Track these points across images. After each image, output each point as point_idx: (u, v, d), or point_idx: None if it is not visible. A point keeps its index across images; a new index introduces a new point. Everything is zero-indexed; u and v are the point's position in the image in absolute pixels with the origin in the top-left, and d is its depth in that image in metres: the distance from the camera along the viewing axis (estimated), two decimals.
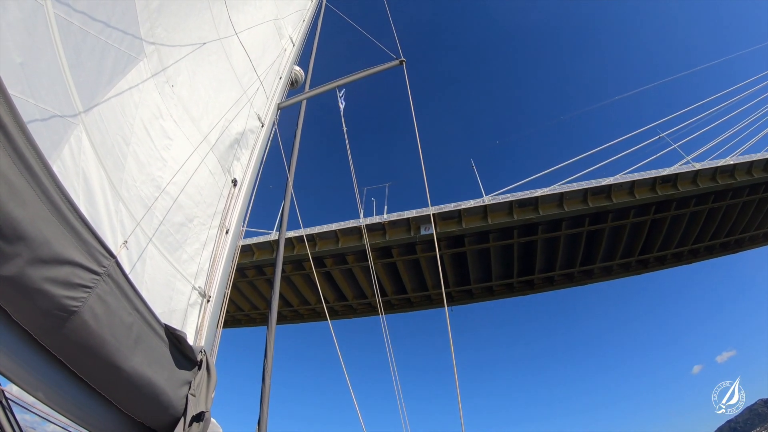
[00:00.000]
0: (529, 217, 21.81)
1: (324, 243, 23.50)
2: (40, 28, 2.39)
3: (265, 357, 4.02)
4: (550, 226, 23.02)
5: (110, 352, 1.88)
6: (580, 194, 21.90)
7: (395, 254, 23.69)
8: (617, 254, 25.58)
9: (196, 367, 2.53)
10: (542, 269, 26.20)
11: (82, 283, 1.76)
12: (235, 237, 4.22)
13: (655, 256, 26.26)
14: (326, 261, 24.44)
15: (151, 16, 3.80)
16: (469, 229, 22.16)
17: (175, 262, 3.40)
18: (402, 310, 28.91)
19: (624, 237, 24.18)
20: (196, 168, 4.15)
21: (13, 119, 1.52)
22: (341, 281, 26.53)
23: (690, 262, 28.14)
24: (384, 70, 7.09)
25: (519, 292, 27.84)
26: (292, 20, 8.39)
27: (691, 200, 23.11)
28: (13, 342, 1.67)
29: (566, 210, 21.52)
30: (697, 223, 24.89)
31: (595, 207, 21.59)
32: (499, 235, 23.12)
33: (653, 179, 21.67)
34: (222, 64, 5.23)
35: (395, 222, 22.65)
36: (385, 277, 26.15)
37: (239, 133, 5.13)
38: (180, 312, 3.30)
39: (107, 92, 3.08)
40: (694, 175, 22.16)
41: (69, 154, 2.49)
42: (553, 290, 28.33)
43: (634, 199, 21.79)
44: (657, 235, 24.75)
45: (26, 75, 2.21)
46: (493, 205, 21.94)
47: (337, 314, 28.90)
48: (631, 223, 23.48)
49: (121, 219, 2.87)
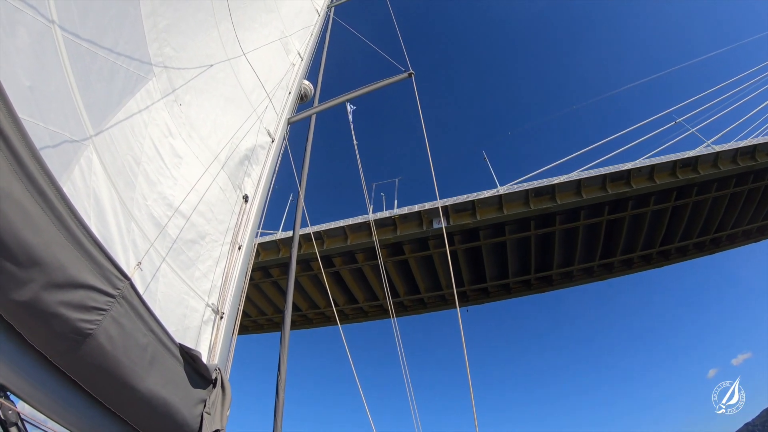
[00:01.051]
0: (546, 207, 20.88)
1: (332, 241, 22.47)
2: (49, 52, 2.41)
3: (279, 371, 3.99)
4: (568, 216, 22.11)
5: (125, 373, 1.88)
6: (598, 181, 21.02)
7: (407, 251, 22.56)
8: (638, 245, 24.68)
9: (211, 385, 2.52)
10: (561, 264, 25.16)
11: (96, 306, 1.76)
12: (247, 253, 4.21)
13: (676, 246, 25.38)
14: (335, 260, 23.34)
15: (159, 36, 3.83)
16: (484, 221, 21.20)
17: (188, 279, 3.39)
18: (415, 311, 27.84)
19: (645, 226, 23.26)
20: (208, 186, 4.16)
21: (24, 144, 1.53)
22: (351, 282, 25.34)
23: (711, 252, 27.27)
24: (393, 83, 7.08)
25: (537, 290, 26.72)
26: (300, 35, 8.45)
27: (713, 185, 22.38)
28: (29, 364, 1.67)
29: (584, 198, 20.71)
30: (718, 210, 24.09)
31: (615, 193, 20.75)
32: (515, 227, 22.13)
33: (673, 163, 20.97)
34: (230, 82, 5.26)
35: (406, 216, 21.59)
36: (397, 276, 25.04)
37: (249, 149, 5.14)
38: (194, 329, 3.29)
39: (117, 112, 3.10)
40: (714, 158, 21.43)
41: (80, 174, 2.50)
42: (571, 286, 27.23)
43: (654, 184, 21.03)
44: (678, 223, 23.88)
45: (35, 98, 2.22)
46: (508, 194, 21.00)
47: (347, 318, 27.89)
48: (652, 210, 22.59)
49: (133, 238, 2.87)
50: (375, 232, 20.78)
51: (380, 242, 20.94)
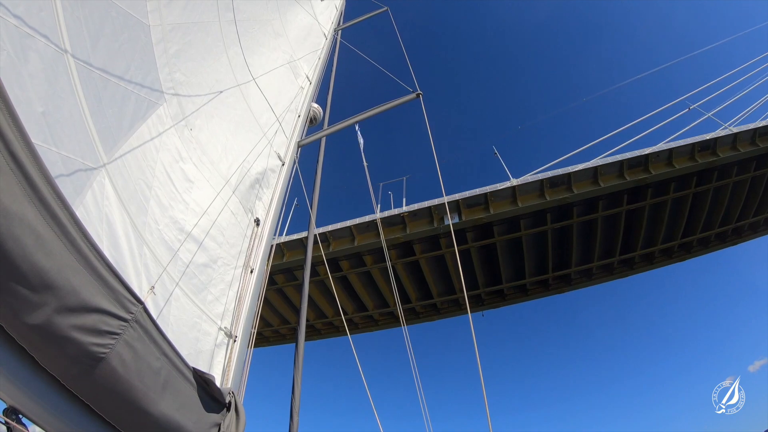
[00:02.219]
0: (562, 197, 19.48)
1: (339, 243, 20.66)
2: (61, 77, 2.43)
3: (293, 395, 3.93)
4: (586, 207, 20.75)
5: (138, 397, 1.86)
6: (615, 168, 19.76)
7: (417, 251, 20.87)
8: (659, 238, 23.28)
9: (225, 408, 2.49)
10: (579, 261, 23.50)
11: (109, 330, 1.75)
12: (260, 276, 4.20)
13: (698, 237, 24.02)
14: (342, 264, 21.45)
15: (169, 62, 3.87)
16: (498, 216, 19.71)
17: (200, 303, 3.37)
18: (428, 318, 25.86)
19: (665, 216, 22.01)
20: (220, 211, 4.17)
21: (37, 169, 1.54)
22: (360, 288, 23.31)
23: (734, 242, 25.88)
24: (401, 104, 7.13)
25: (555, 290, 24.81)
26: (308, 59, 8.55)
27: (733, 168, 21.28)
28: (41, 387, 1.66)
29: (602, 186, 19.46)
30: (739, 197, 22.90)
31: (633, 180, 19.58)
32: (530, 221, 20.71)
33: (691, 146, 19.98)
34: (240, 106, 5.30)
35: (415, 213, 19.92)
36: (408, 280, 23.18)
37: (260, 172, 5.16)
38: (207, 353, 3.26)
39: (129, 138, 3.12)
40: (732, 140, 20.49)
41: (92, 199, 2.50)
42: (591, 285, 25.42)
43: (673, 169, 19.89)
44: (699, 212, 22.62)
45: (48, 124, 2.24)
46: (523, 186, 19.57)
47: (357, 327, 25.94)
48: (672, 198, 21.29)
49: (145, 262, 2.86)
50: (382, 231, 19.42)
51: (389, 242, 19.62)
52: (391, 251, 20.19)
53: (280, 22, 7.89)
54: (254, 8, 6.73)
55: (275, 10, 7.80)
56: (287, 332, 26.68)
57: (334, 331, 26.65)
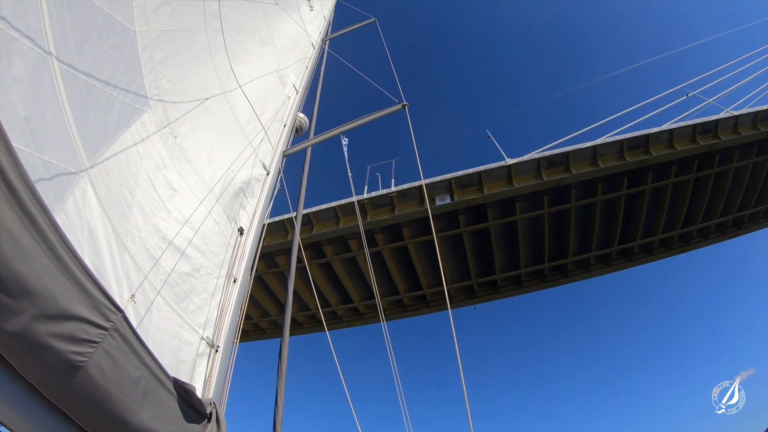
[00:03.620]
0: (560, 177, 18.40)
1: (322, 225, 18.84)
2: (45, 82, 2.40)
3: (277, 400, 3.89)
4: (585, 189, 19.76)
5: (117, 407, 1.83)
6: (615, 148, 18.94)
7: (406, 235, 19.19)
8: (659, 227, 22.39)
9: (206, 419, 2.45)
10: (576, 251, 22.35)
11: (88, 339, 1.72)
12: (243, 286, 4.16)
13: (698, 227, 23.29)
14: (325, 249, 19.69)
15: (155, 68, 3.85)
16: (492, 197, 18.44)
17: (182, 312, 3.34)
18: (416, 311, 23.75)
19: (665, 203, 21.18)
20: (203, 220, 4.14)
21: (18, 174, 1.51)
22: (344, 277, 21.34)
23: (734, 234, 25.20)
24: (386, 114, 7.17)
25: (551, 282, 23.42)
26: (295, 68, 8.56)
27: (734, 153, 20.77)
28: (19, 395, 1.63)
29: (601, 167, 18.57)
30: (740, 185, 22.26)
31: (634, 161, 18.81)
32: (527, 204, 19.52)
33: (692, 128, 19.31)
34: (226, 114, 5.28)
35: (405, 193, 18.35)
36: (395, 267, 21.06)
37: (244, 181, 5.14)
38: (188, 363, 3.22)
39: (112, 144, 3.09)
40: (734, 123, 19.90)
41: (73, 206, 2.47)
42: (588, 278, 24.04)
43: (675, 150, 19.14)
44: (700, 200, 21.92)
45: (31, 128, 2.20)
46: (519, 165, 18.45)
47: (341, 321, 23.88)
48: (673, 183, 20.50)
49: (126, 270, 2.82)
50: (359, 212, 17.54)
51: (376, 224, 18.26)
52: (378, 236, 19.02)
53: (267, 30, 7.89)
54: (242, 17, 6.73)
55: (263, 18, 7.80)
56: (267, 326, 24.75)
57: (318, 326, 24.47)
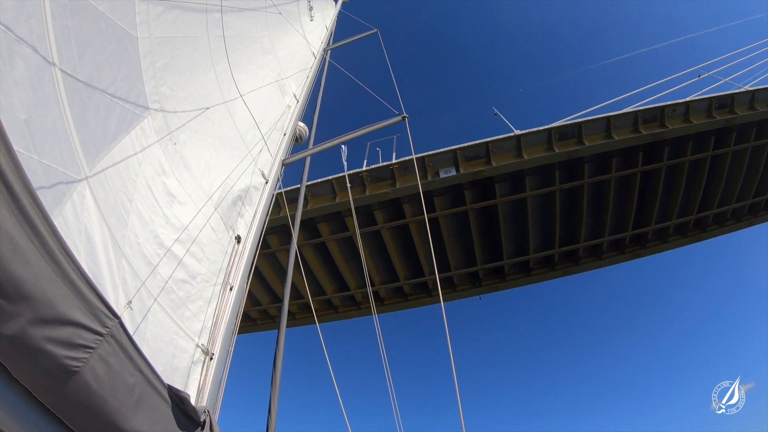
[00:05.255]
0: (572, 149, 17.31)
1: (318, 200, 17.12)
2: (47, 86, 2.40)
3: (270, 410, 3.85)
4: (598, 164, 18.69)
5: (111, 413, 1.81)
6: (629, 120, 17.97)
7: (408, 212, 17.64)
8: (674, 211, 21.19)
9: (200, 427, 2.44)
10: (588, 235, 20.95)
11: (84, 344, 1.71)
12: (239, 294, 4.15)
13: (715, 213, 22.13)
14: (321, 227, 18.01)
15: (156, 75, 3.85)
16: (500, 169, 17.15)
17: (178, 319, 3.32)
18: (417, 301, 21.61)
19: (682, 183, 20.20)
20: (202, 228, 4.13)
21: (18, 177, 1.51)
22: (340, 260, 19.49)
23: (750, 222, 24.00)
24: (386, 126, 7.19)
25: (561, 270, 21.73)
26: (296, 78, 8.60)
27: (751, 131, 19.93)
28: (13, 399, 1.61)
29: (615, 139, 17.61)
30: (756, 167, 21.31)
31: (649, 135, 17.87)
32: (537, 179, 18.27)
33: (708, 101, 18.54)
34: (226, 122, 5.29)
35: (407, 165, 16.79)
36: (395, 250, 19.41)
37: (243, 189, 5.13)
38: (182, 370, 3.20)
39: (111, 149, 3.08)
40: (750, 98, 19.07)
41: (71, 210, 2.46)
42: (600, 267, 22.48)
43: (691, 124, 18.29)
44: (716, 182, 20.95)
45: (31, 132, 2.20)
46: (528, 136, 17.24)
47: (336, 311, 21.81)
48: (690, 161, 19.61)
49: (123, 276, 2.81)
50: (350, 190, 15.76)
51: (375, 199, 16.83)
52: (377, 212, 17.69)
53: (269, 40, 7.93)
54: (244, 25, 6.77)
55: (265, 28, 7.85)
56: (258, 316, 22.43)
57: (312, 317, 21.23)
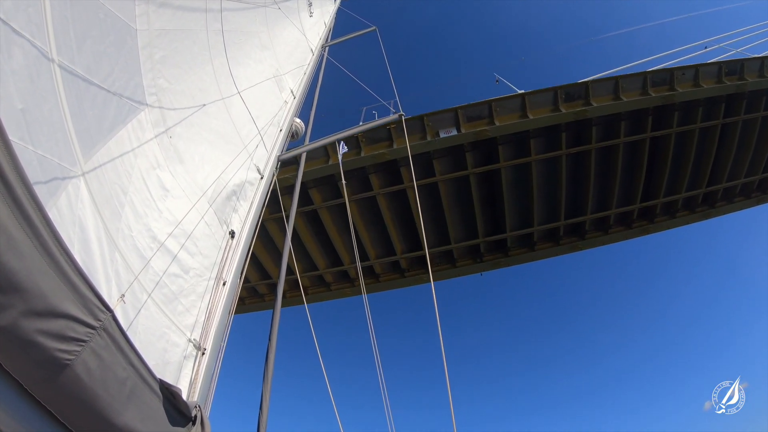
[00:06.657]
0: (579, 110, 16.39)
1: (310, 164, 15.22)
2: (44, 76, 2.39)
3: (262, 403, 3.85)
4: (606, 128, 17.91)
5: (102, 407, 1.81)
6: (638, 82, 17.23)
7: (405, 177, 16.20)
8: (683, 183, 20.45)
9: (191, 422, 2.44)
10: (595, 208, 19.93)
11: (76, 337, 1.70)
12: (232, 289, 4.14)
13: (724, 187, 21.41)
14: (312, 194, 16.35)
15: (154, 67, 3.84)
16: (504, 129, 16.12)
17: (170, 313, 3.31)
18: (415, 278, 19.84)
19: (692, 153, 19.56)
20: (197, 223, 4.12)
21: (13, 167, 1.50)
22: (333, 232, 17.78)
23: (759, 201, 23.18)
24: (383, 124, 7.21)
25: (567, 245, 20.60)
26: (294, 73, 8.57)
27: (761, 100, 19.31)
28: (4, 391, 1.60)
29: (624, 101, 16.78)
30: (767, 139, 20.73)
31: (658, 97, 17.13)
32: (542, 141, 17.35)
33: (718, 66, 18.08)
34: (222, 117, 5.27)
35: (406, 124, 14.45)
36: (391, 218, 17.88)
37: (238, 185, 5.12)
38: (174, 364, 3.19)
39: (107, 141, 3.07)
40: (759, 65, 18.82)
41: (66, 201, 2.45)
42: (607, 243, 21.51)
43: (701, 88, 17.66)
44: (727, 153, 20.36)
45: (27, 122, 2.19)
46: (534, 96, 16.26)
47: (328, 289, 19.88)
48: (700, 128, 18.90)
49: (116, 269, 2.80)
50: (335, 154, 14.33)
51: (372, 160, 15.49)
52: (373, 176, 16.39)
53: (267, 35, 7.91)
54: (243, 20, 6.75)
55: (264, 23, 7.82)
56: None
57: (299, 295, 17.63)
